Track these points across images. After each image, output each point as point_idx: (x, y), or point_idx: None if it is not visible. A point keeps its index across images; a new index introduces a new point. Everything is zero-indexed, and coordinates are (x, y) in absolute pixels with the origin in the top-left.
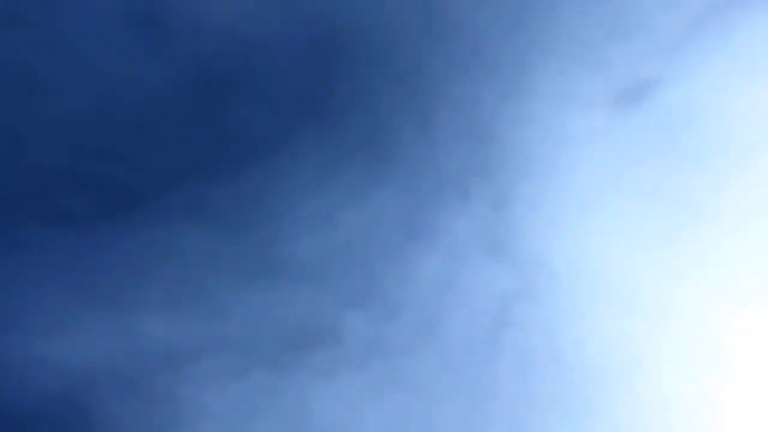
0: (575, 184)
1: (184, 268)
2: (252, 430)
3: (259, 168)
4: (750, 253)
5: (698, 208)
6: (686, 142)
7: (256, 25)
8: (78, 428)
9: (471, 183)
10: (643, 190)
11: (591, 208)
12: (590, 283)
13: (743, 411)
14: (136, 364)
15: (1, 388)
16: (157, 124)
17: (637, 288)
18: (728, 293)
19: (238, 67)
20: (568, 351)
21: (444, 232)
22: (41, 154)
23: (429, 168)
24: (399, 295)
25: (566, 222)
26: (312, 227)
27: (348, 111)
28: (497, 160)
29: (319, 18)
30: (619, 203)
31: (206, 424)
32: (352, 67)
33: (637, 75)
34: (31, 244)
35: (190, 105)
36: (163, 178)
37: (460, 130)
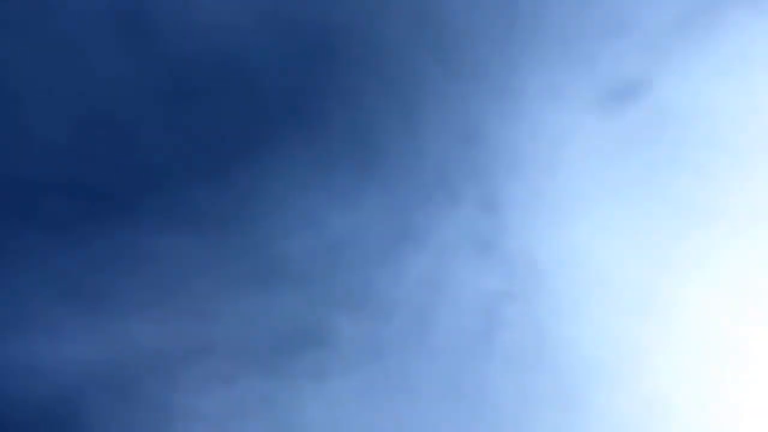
0: (564, 184)
1: (173, 272)
2: None
3: (247, 170)
4: (740, 249)
5: (687, 205)
6: (675, 140)
7: (243, 26)
8: None
9: (459, 183)
10: (632, 189)
11: (580, 206)
12: (579, 281)
13: (735, 405)
14: (126, 369)
15: None
16: (143, 128)
17: (627, 285)
18: (716, 289)
19: (223, 71)
20: (559, 349)
21: (433, 232)
22: (25, 160)
23: (417, 169)
24: (389, 296)
25: (555, 221)
26: (300, 229)
27: (336, 112)
28: (485, 160)
29: (307, 18)
30: (607, 202)
31: (197, 428)
32: (339, 68)
33: (625, 74)
34: (18, 250)
35: (176, 109)
36: (151, 180)
37: (448, 130)
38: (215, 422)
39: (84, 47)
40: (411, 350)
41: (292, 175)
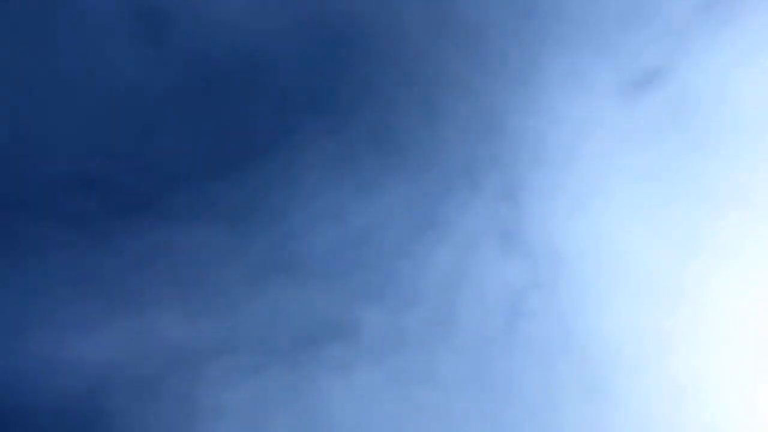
0: (586, 172)
1: (197, 267)
2: (268, 427)
3: (268, 165)
4: (764, 236)
5: (712, 192)
6: (699, 126)
7: (261, 22)
8: (95, 428)
9: (482, 174)
10: (656, 176)
11: (603, 195)
12: (604, 270)
13: (757, 397)
14: (151, 364)
15: (19, 389)
16: (165, 122)
17: (652, 274)
18: (743, 278)
19: (243, 64)
20: (584, 339)
21: (456, 223)
22: (48, 158)
23: (439, 160)
24: (412, 288)
25: (578, 210)
26: (323, 222)
27: (356, 105)
28: (508, 151)
29: (325, 12)
30: (630, 190)
31: (223, 422)
32: (358, 62)
33: (648, 61)
34: (43, 247)
35: (197, 103)
36: (172, 177)
37: (469, 121)
38: (240, 416)
39: (105, 44)
40: (435, 341)
41: (314, 168)
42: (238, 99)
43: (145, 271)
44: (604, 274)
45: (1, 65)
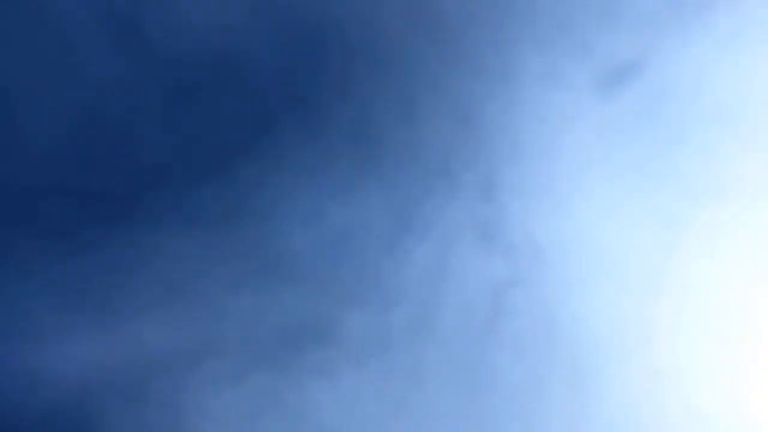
0: (565, 167)
1: (178, 272)
2: (253, 431)
3: (247, 167)
4: (746, 226)
5: (690, 183)
6: (673, 119)
7: (238, 23)
8: None
9: (460, 171)
10: (631, 169)
11: (582, 189)
12: (585, 264)
13: (746, 384)
14: (135, 370)
15: (2, 397)
16: (142, 127)
17: (633, 266)
18: (722, 268)
19: (220, 66)
20: (567, 332)
21: (436, 221)
22: (24, 166)
23: (417, 158)
24: (394, 288)
25: (558, 205)
26: (303, 224)
27: (334, 105)
28: (485, 147)
29: (302, 12)
30: (607, 183)
31: (208, 426)
32: (336, 61)
33: (623, 55)
34: (21, 256)
35: (174, 106)
36: (151, 181)
37: (447, 118)
38: (225, 420)
39: (78, 50)
40: (418, 340)
41: (292, 170)
42: (214, 103)
43: (127, 277)
44: (584, 267)
45: None
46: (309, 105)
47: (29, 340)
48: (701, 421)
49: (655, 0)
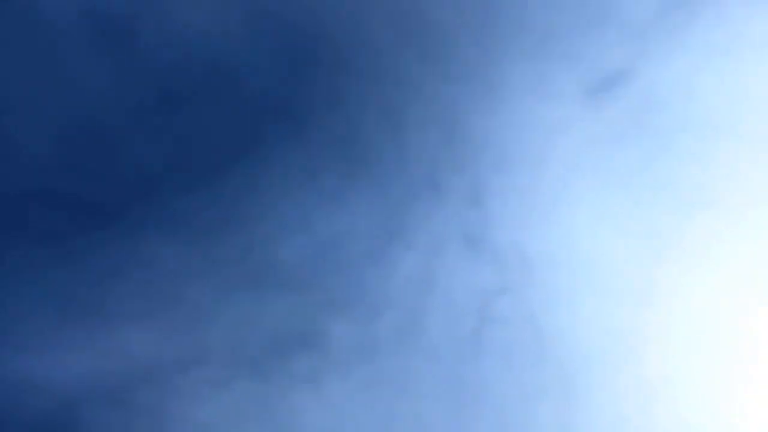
0: (553, 176)
1: (165, 281)
2: None
3: (235, 176)
4: (738, 235)
5: (681, 193)
6: (663, 128)
7: (226, 32)
8: None
9: (447, 180)
10: (624, 178)
11: (570, 198)
12: (573, 273)
13: (736, 395)
14: (121, 379)
15: None
16: (130, 135)
17: (622, 276)
18: (713, 278)
19: (208, 75)
20: (555, 342)
21: (422, 230)
22: (11, 173)
23: (404, 167)
24: (381, 296)
25: (546, 214)
26: (290, 233)
27: (321, 115)
28: (472, 156)
29: (290, 23)
30: (596, 192)
31: None
32: (323, 71)
33: (611, 64)
34: (7, 264)
35: (162, 115)
36: (139, 190)
37: (434, 127)
38: (210, 429)
39: (67, 57)
40: (405, 349)
41: (280, 179)
42: (202, 112)
43: (114, 285)
44: (573, 277)
45: None
46: (296, 116)
47: (15, 347)
48: None
49: (644, 9)
